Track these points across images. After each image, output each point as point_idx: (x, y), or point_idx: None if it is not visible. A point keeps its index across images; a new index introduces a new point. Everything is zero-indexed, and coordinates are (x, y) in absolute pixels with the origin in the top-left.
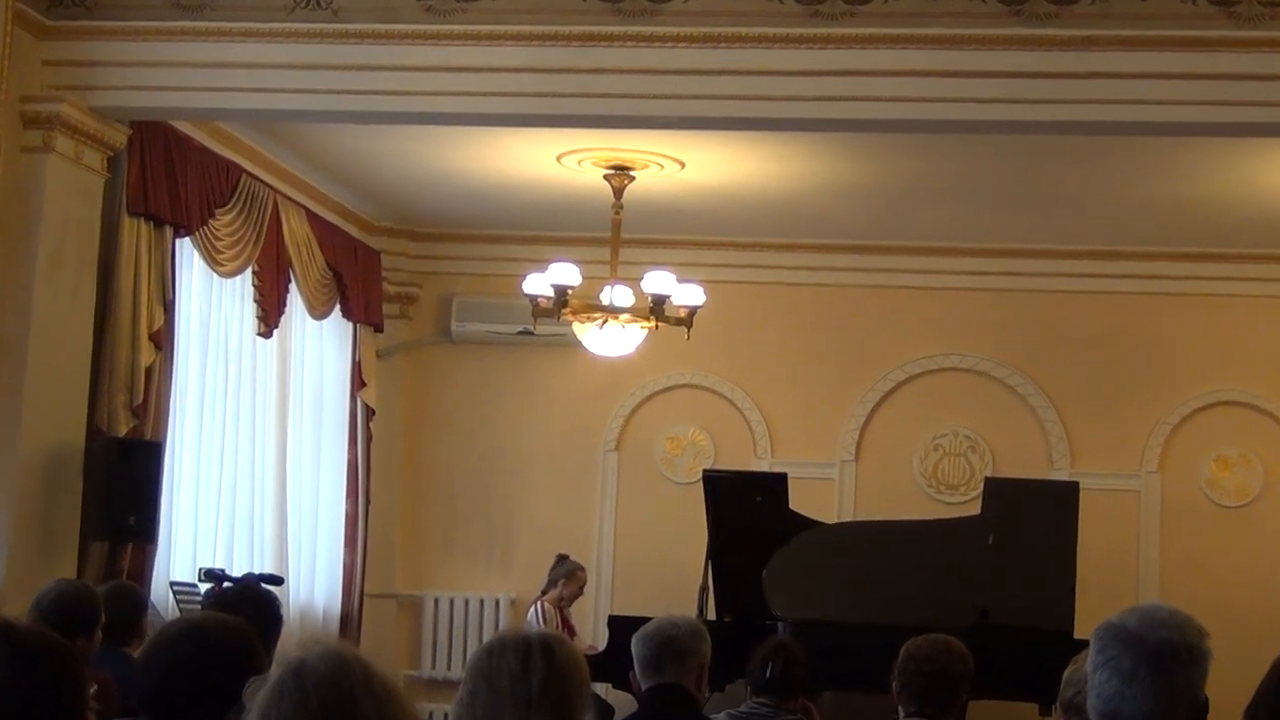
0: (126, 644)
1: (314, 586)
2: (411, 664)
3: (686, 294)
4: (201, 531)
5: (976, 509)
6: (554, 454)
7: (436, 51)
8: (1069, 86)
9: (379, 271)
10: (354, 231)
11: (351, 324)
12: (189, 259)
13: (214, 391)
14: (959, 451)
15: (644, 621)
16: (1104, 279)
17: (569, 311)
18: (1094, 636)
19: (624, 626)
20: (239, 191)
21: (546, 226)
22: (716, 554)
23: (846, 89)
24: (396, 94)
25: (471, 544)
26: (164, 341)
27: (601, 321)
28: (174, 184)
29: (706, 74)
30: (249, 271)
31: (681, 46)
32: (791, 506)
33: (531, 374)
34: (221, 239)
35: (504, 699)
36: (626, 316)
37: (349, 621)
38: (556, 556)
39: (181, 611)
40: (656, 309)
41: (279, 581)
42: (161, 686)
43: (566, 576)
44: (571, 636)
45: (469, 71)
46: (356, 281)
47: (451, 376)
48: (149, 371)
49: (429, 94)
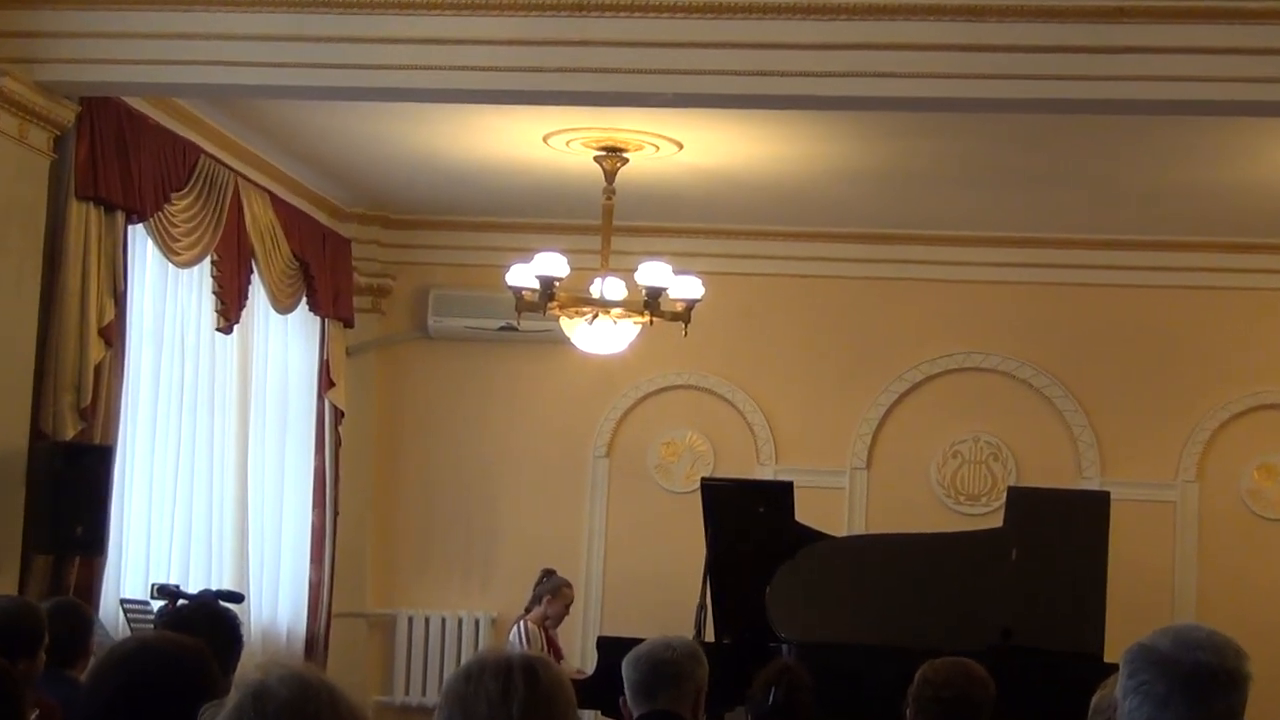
0: (72, 666)
1: (277, 604)
2: (383, 689)
3: (684, 286)
4: (155, 544)
5: (998, 521)
6: (539, 460)
7: (412, 22)
8: (1100, 62)
9: (349, 262)
10: (322, 218)
11: (319, 319)
12: (142, 247)
13: (169, 392)
14: (980, 459)
15: (636, 643)
16: (1138, 271)
17: (556, 305)
18: (1124, 660)
19: (614, 648)
20: (197, 174)
21: (532, 213)
22: (715, 570)
23: (859, 64)
24: (369, 68)
25: (449, 558)
26: (115, 337)
27: (591, 316)
28: (126, 165)
29: (706, 47)
30: (208, 261)
31: (679, 17)
32: (797, 518)
33: (515, 373)
34: (178, 225)
35: None
36: (618, 311)
37: (315, 642)
38: (541, 571)
39: (133, 631)
40: (651, 303)
41: (239, 599)
42: (109, 712)
43: (552, 593)
44: (557, 659)
45: (448, 44)
46: (325, 272)
47: (428, 376)
48: (98, 370)
49: (404, 68)
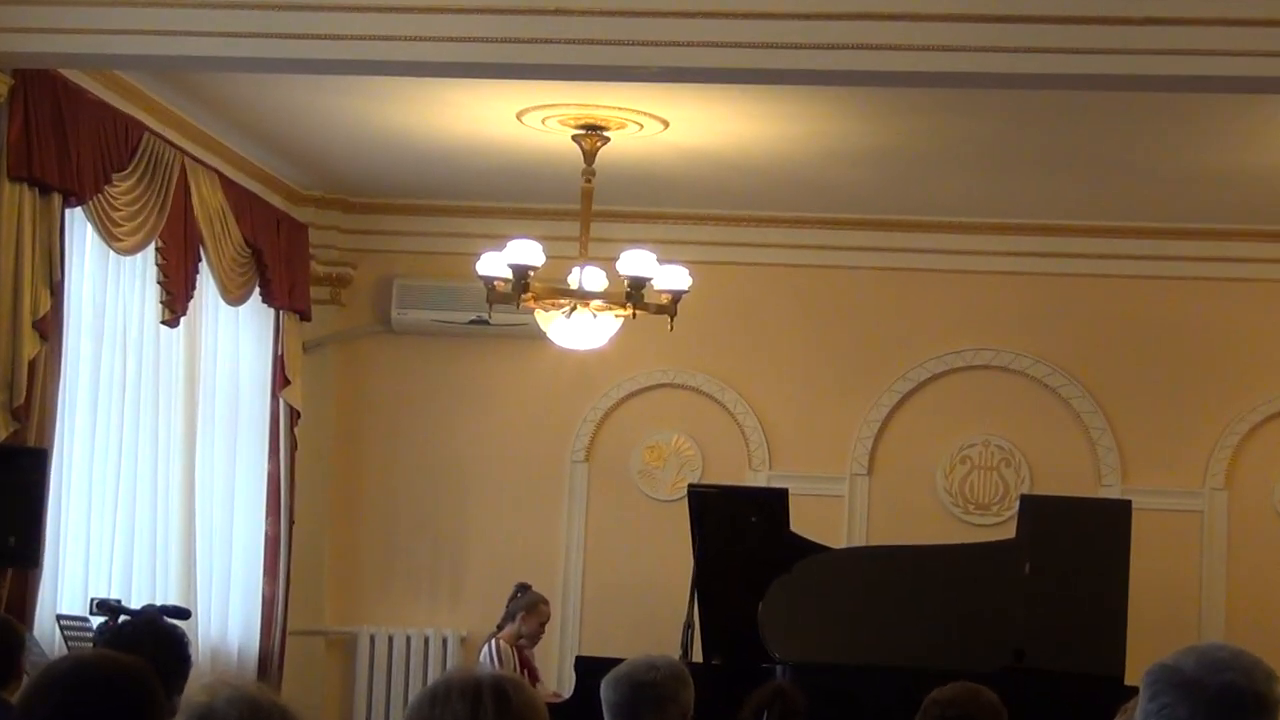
0: (3, 687)
1: (227, 621)
2: (342, 713)
3: (669, 277)
4: (94, 556)
5: (1011, 532)
6: (513, 466)
7: None
8: (1120, 34)
9: (306, 249)
10: (277, 201)
11: (273, 311)
12: (81, 233)
13: (110, 390)
14: (991, 465)
15: (616, 664)
16: (1163, 261)
17: (531, 297)
18: (1145, 681)
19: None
20: (141, 153)
21: (504, 197)
22: (704, 585)
23: (859, 35)
24: (327, 38)
25: (414, 572)
26: (51, 331)
27: (569, 309)
28: (63, 144)
29: (694, 16)
30: (152, 248)
31: None
32: (793, 528)
33: (486, 371)
34: (120, 209)
35: None
36: (599, 303)
37: (268, 662)
38: (516, 586)
39: (70, 649)
40: (634, 294)
41: (186, 615)
42: None
43: (527, 610)
44: (533, 681)
45: (413, 12)
46: (279, 261)
47: (392, 373)
48: (32, 366)
49: (365, 38)
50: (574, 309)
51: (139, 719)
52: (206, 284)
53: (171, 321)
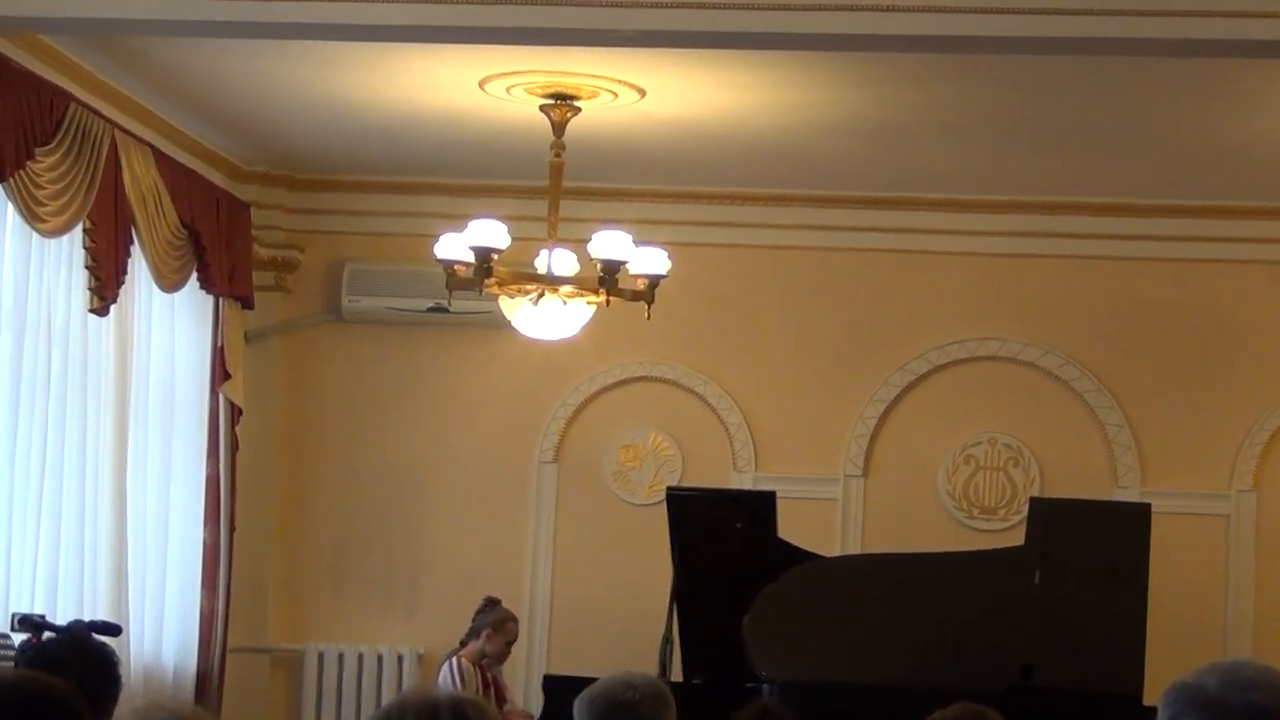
0: None
1: (161, 637)
2: None
3: (646, 260)
4: (16, 567)
5: (1019, 539)
6: (475, 467)
7: None
8: None
9: (248, 230)
10: (216, 178)
11: (212, 298)
12: (1, 212)
13: (33, 385)
14: (997, 465)
15: (588, 683)
16: (1186, 243)
17: (494, 282)
18: (1164, 701)
19: (563, 689)
20: (67, 125)
21: (466, 173)
22: (684, 597)
23: None
24: None
25: (367, 583)
26: None
27: (537, 296)
28: None
29: None
30: (79, 230)
31: None
32: (781, 535)
33: (446, 363)
34: (43, 187)
35: None
36: (569, 289)
37: (206, 683)
38: (484, 600)
39: None
40: (608, 280)
41: (116, 631)
42: None
43: (494, 627)
44: (500, 702)
45: None
46: (219, 243)
47: (342, 366)
48: None
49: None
50: (542, 295)
51: None
52: (139, 269)
53: (101, 310)
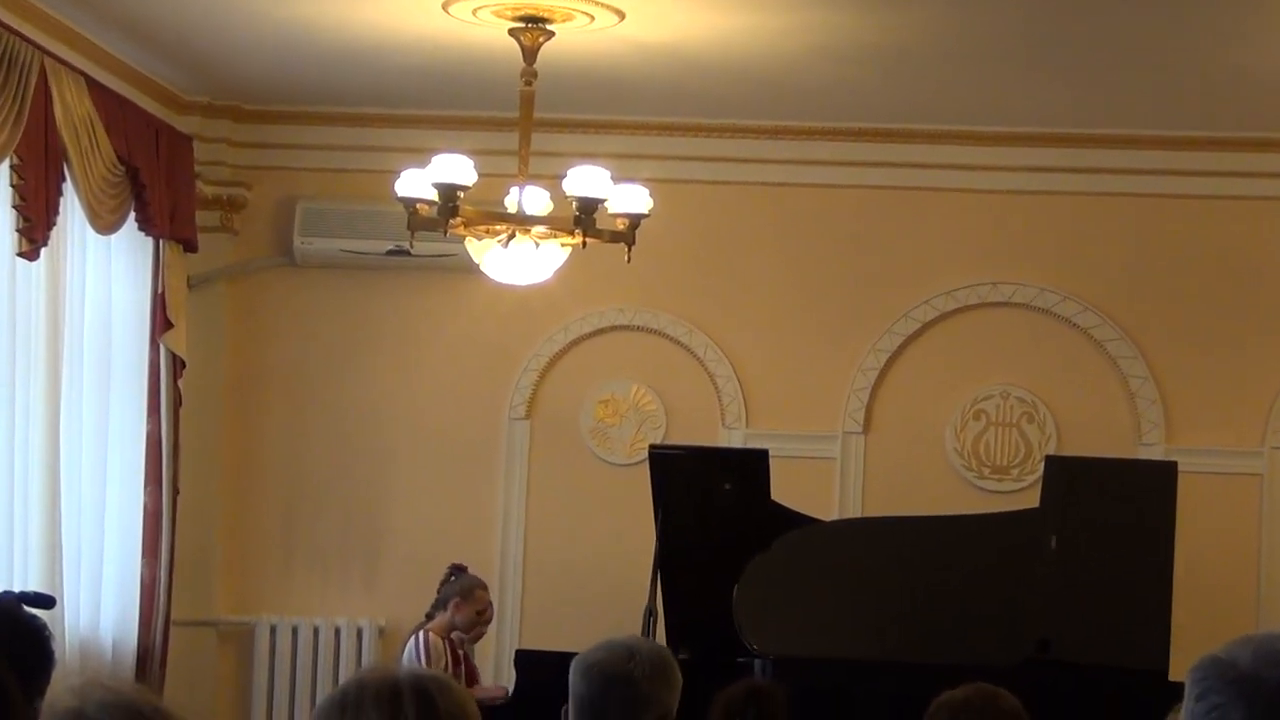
0: None
1: (99, 609)
2: (238, 718)
3: (626, 198)
4: None
5: (1035, 500)
6: (440, 424)
7: None
8: None
9: (191, 166)
10: (155, 109)
11: (152, 241)
12: None
13: None
14: (1010, 420)
15: (564, 659)
16: (1217, 178)
17: (460, 223)
18: (1192, 678)
19: (537, 665)
20: None
21: (428, 103)
22: (669, 564)
23: None
24: None
25: (323, 550)
26: None
27: (506, 237)
28: None
29: None
30: (5, 166)
31: None
32: (774, 497)
33: (408, 311)
34: None
35: None
36: (541, 230)
37: (148, 659)
38: (449, 569)
39: None
40: (584, 219)
41: (50, 603)
42: None
43: (461, 596)
44: (471, 681)
45: None
46: (159, 180)
47: (295, 314)
48: None
49: None
50: (512, 236)
51: None
52: (72, 209)
53: (30, 254)
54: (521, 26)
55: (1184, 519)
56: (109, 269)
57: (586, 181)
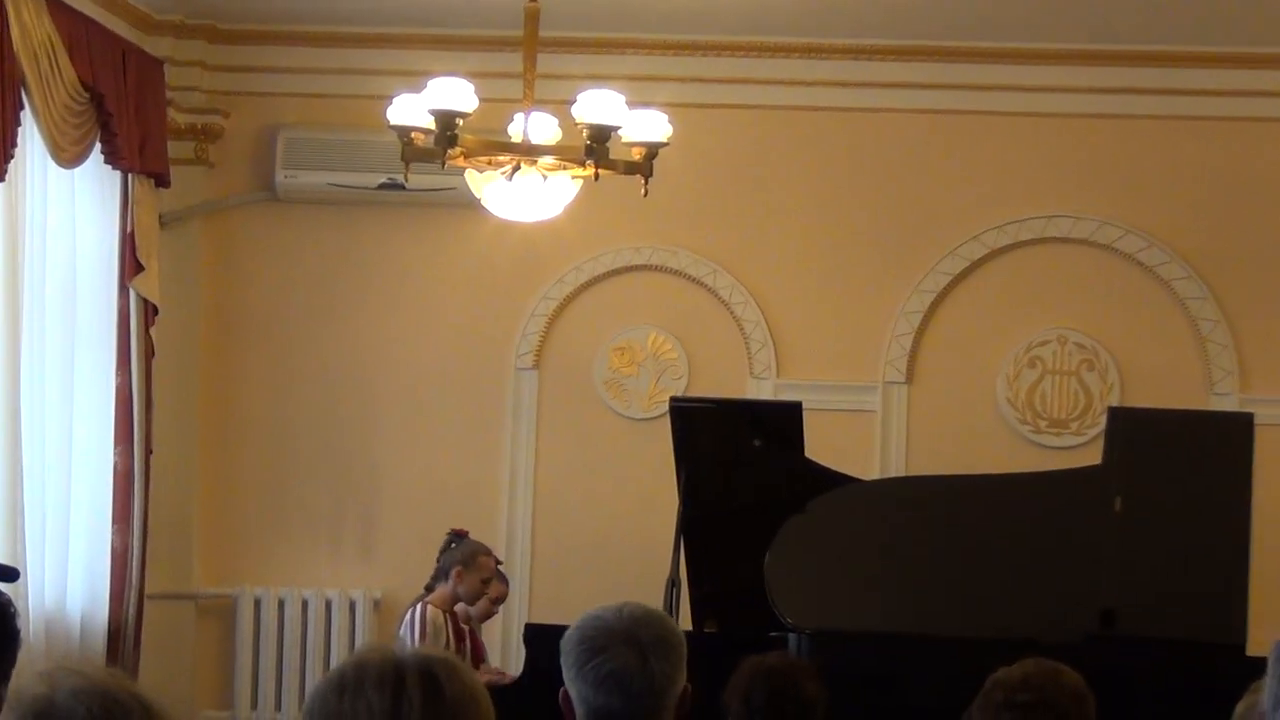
0: None
1: (66, 583)
2: (220, 701)
3: (643, 125)
4: None
5: (1096, 457)
6: (439, 375)
7: None
8: None
9: (162, 93)
10: (122, 30)
11: (120, 175)
12: None
13: None
14: (1069, 369)
15: None
16: None
17: (460, 153)
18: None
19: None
20: None
21: (423, 21)
22: (693, 529)
23: None
24: None
25: (311, 515)
26: None
27: (511, 169)
28: None
29: None
30: None
31: None
32: (808, 454)
33: (401, 251)
34: None
35: None
36: (549, 160)
37: (121, 637)
38: (449, 535)
39: None
40: (596, 149)
41: (13, 576)
42: None
43: (464, 564)
44: (476, 662)
45: None
46: (127, 109)
47: (278, 255)
48: None
49: None
50: (517, 168)
51: None
52: (31, 140)
53: None
54: None
55: (1261, 477)
56: (73, 206)
57: (598, 107)
